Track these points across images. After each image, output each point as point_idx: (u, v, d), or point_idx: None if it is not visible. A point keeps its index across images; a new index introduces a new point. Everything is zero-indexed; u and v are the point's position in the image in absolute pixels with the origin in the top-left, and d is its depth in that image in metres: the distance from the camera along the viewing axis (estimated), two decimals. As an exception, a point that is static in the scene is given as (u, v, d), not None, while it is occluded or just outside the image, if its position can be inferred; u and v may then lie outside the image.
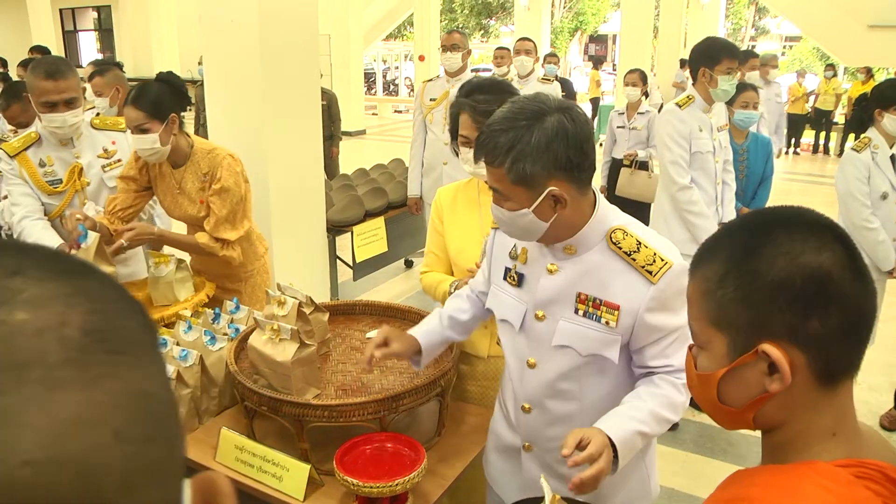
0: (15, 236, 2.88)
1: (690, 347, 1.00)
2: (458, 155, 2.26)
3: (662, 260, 1.56)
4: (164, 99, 2.63)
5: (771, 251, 0.89)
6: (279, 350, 1.90)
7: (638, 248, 1.58)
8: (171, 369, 2.10)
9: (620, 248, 1.58)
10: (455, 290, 2.12)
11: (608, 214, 1.63)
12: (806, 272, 0.87)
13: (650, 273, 1.56)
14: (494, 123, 1.50)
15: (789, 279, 0.87)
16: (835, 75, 14.78)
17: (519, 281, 1.71)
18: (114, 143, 3.12)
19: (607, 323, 1.59)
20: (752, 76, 5.50)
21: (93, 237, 2.48)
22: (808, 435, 0.91)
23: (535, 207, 1.50)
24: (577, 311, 1.62)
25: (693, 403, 4.04)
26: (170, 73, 2.79)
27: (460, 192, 2.33)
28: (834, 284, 0.87)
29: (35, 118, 3.47)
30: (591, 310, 1.61)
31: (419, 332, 1.92)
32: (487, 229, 1.92)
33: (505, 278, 1.76)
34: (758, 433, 1.00)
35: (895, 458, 0.96)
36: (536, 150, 1.45)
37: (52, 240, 2.84)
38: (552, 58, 9.53)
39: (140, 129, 2.60)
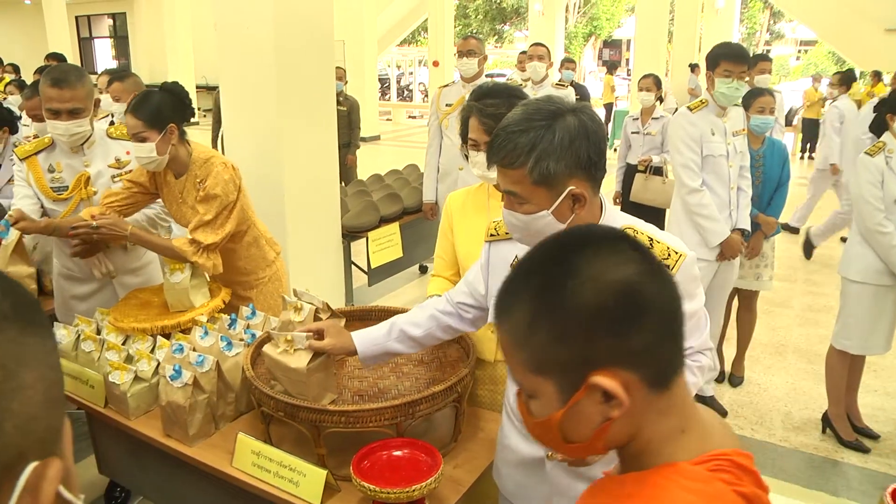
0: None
1: (519, 393, 0.96)
2: (467, 159, 2.26)
3: (676, 252, 1.60)
4: (164, 109, 2.63)
5: (574, 282, 0.85)
6: (294, 357, 1.90)
7: (651, 245, 1.60)
8: (187, 375, 2.11)
9: None
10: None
11: (616, 215, 1.65)
12: (615, 292, 0.84)
13: (668, 267, 1.57)
14: (511, 125, 1.48)
15: (602, 304, 0.84)
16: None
17: None
18: (128, 153, 3.11)
19: None
20: (762, 80, 5.46)
21: (13, 234, 2.48)
22: (659, 439, 0.91)
23: (555, 208, 1.50)
24: None
25: (696, 396, 4.00)
26: (175, 83, 2.79)
27: (470, 196, 2.35)
28: (642, 294, 0.85)
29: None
30: None
31: (361, 335, 1.89)
32: None
33: None
34: (777, 440, 0.99)
35: (733, 439, 1.00)
36: (560, 148, 1.45)
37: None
38: (569, 63, 9.53)
39: (138, 138, 2.62)
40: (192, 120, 2.85)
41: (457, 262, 2.34)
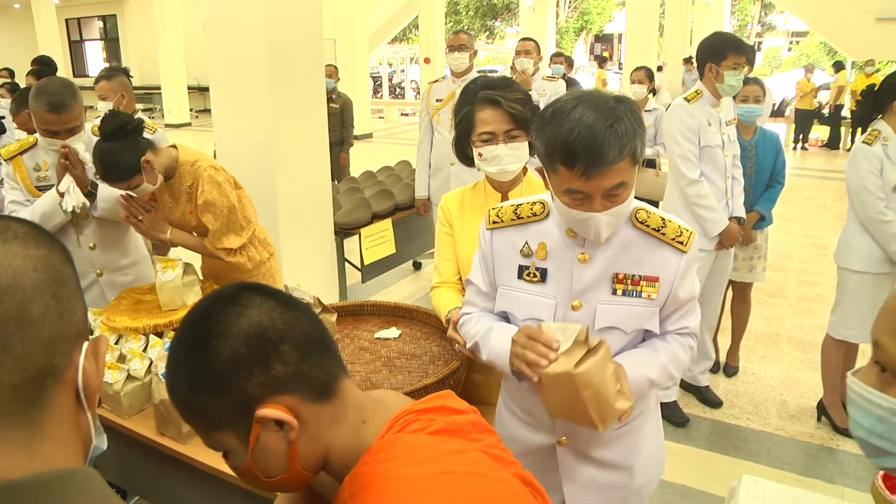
0: None
1: (224, 455, 1.03)
2: (466, 160, 2.18)
3: (687, 230, 1.65)
4: (125, 156, 2.56)
5: (209, 343, 0.94)
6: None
7: (664, 223, 1.64)
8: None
9: (648, 226, 1.64)
10: (450, 319, 2.03)
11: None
12: (244, 338, 0.94)
13: (681, 244, 1.63)
14: (598, 122, 1.42)
15: (236, 353, 0.93)
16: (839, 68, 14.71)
17: (542, 276, 1.69)
18: None
19: (649, 296, 1.64)
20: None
21: None
22: (348, 441, 1.01)
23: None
24: (614, 292, 1.65)
25: (707, 401, 4.01)
26: (107, 116, 2.63)
27: (467, 198, 2.26)
28: (270, 330, 0.95)
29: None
30: (629, 287, 1.64)
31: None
32: None
33: (521, 277, 1.72)
34: (772, 429, 1.03)
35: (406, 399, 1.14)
36: (643, 125, 1.50)
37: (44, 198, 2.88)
38: (558, 57, 9.52)
39: (132, 189, 2.63)
40: (184, 121, 2.84)
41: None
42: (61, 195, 2.81)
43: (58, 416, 0.72)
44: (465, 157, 2.19)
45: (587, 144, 1.42)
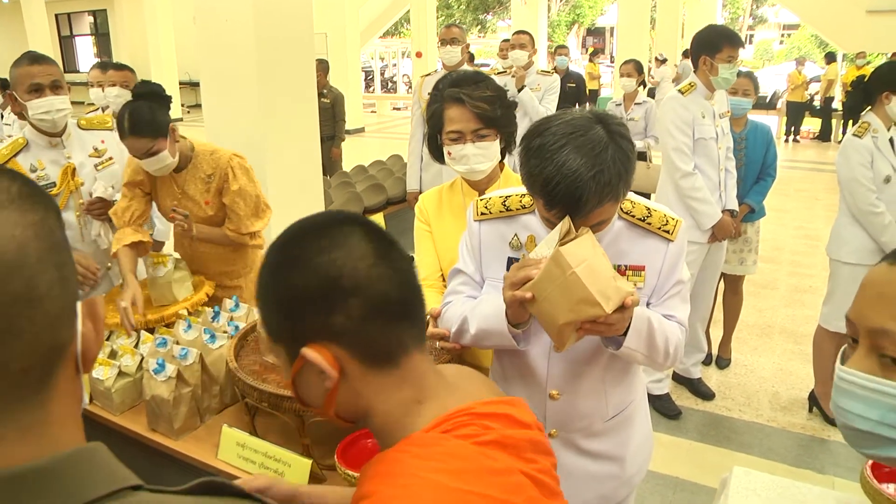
0: None
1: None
2: (438, 158, 2.16)
3: (673, 219, 1.65)
4: (158, 115, 2.58)
5: (288, 267, 0.95)
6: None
7: (650, 213, 1.64)
8: (171, 368, 2.10)
9: (633, 216, 1.64)
10: (430, 315, 1.92)
11: None
12: (318, 275, 0.92)
13: (667, 233, 1.63)
14: (583, 168, 1.37)
15: (305, 287, 0.92)
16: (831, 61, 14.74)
17: None
18: (103, 141, 3.09)
19: (635, 285, 1.63)
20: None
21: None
22: (395, 412, 0.98)
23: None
24: None
25: (699, 393, 4.03)
26: (146, 82, 2.75)
27: (444, 198, 2.24)
28: (346, 279, 0.92)
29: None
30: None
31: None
32: None
33: (509, 269, 1.68)
34: (764, 421, 1.02)
35: (490, 390, 1.10)
36: (632, 159, 1.45)
37: None
38: (562, 49, 9.51)
39: (150, 153, 2.57)
40: (176, 116, 2.84)
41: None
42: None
43: (61, 391, 0.68)
44: (439, 154, 2.16)
45: (566, 193, 1.38)
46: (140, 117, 2.55)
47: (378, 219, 5.40)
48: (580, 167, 1.37)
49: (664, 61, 13.26)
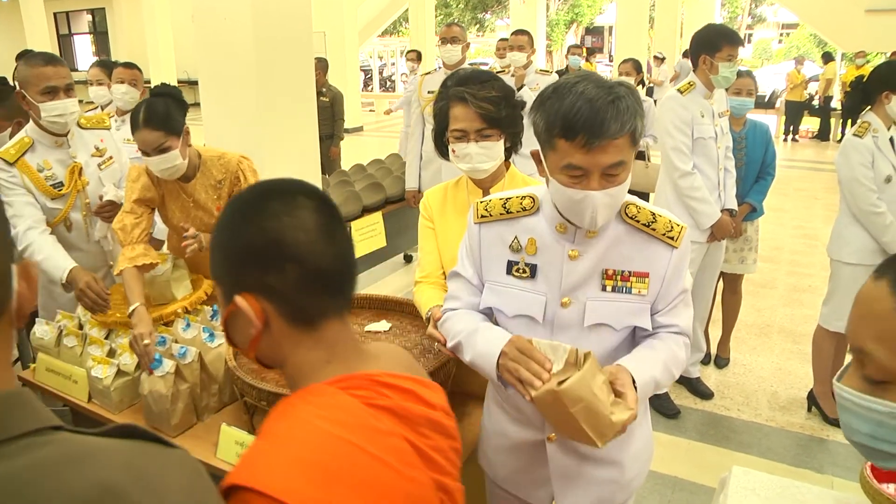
0: (20, 249, 2.75)
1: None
2: (444, 155, 2.16)
3: (678, 225, 1.63)
4: (174, 113, 2.56)
5: (242, 221, 1.05)
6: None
7: (655, 219, 1.62)
8: (169, 364, 2.10)
9: (638, 221, 1.62)
10: (431, 316, 1.95)
11: None
12: (264, 236, 1.02)
13: (672, 239, 1.62)
14: (601, 96, 1.43)
15: (252, 243, 1.03)
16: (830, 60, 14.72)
17: (532, 272, 1.66)
18: (102, 140, 3.09)
19: (639, 292, 1.63)
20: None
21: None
22: (304, 367, 1.08)
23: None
24: (604, 289, 1.63)
25: (698, 392, 4.02)
26: (165, 85, 2.75)
27: (449, 195, 2.22)
28: (288, 246, 1.02)
29: (7, 125, 3.43)
30: (619, 283, 1.62)
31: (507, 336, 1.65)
32: None
33: (509, 273, 1.69)
34: (763, 420, 1.02)
35: (410, 366, 1.22)
36: (641, 105, 1.49)
37: (63, 259, 2.71)
38: (576, 49, 9.54)
39: (160, 150, 2.52)
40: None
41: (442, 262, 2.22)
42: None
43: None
44: (444, 151, 2.16)
45: (589, 116, 1.41)
46: (155, 111, 2.53)
47: (377, 218, 5.40)
48: (599, 94, 1.43)
49: (663, 60, 13.26)
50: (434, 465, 1.10)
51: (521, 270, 1.67)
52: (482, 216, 1.73)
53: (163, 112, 2.53)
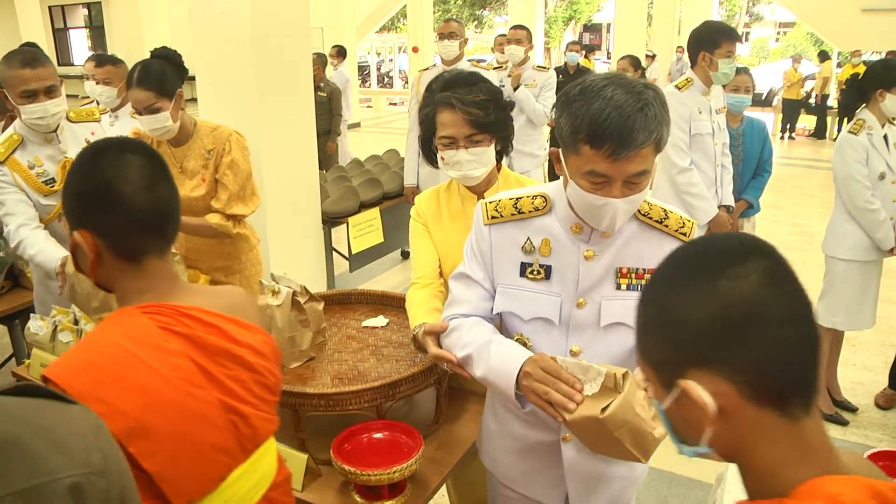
0: (13, 246, 2.76)
1: None
2: (432, 162, 2.09)
3: (689, 221, 1.63)
4: (169, 75, 2.63)
5: (79, 172, 1.30)
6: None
7: (666, 215, 1.61)
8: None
9: (651, 218, 1.60)
10: (423, 332, 1.79)
11: None
12: (94, 183, 1.27)
13: (684, 235, 1.61)
14: (628, 104, 1.37)
15: (84, 190, 1.28)
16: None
17: (547, 274, 1.61)
18: (93, 133, 3.07)
19: None
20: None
21: None
22: (127, 293, 1.32)
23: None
24: (619, 287, 1.60)
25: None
26: (165, 48, 2.77)
27: (442, 201, 2.15)
28: (113, 193, 1.26)
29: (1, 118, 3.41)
30: (634, 281, 1.60)
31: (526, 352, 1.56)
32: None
33: (523, 275, 1.64)
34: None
35: (231, 307, 1.39)
36: (668, 114, 1.43)
37: (55, 250, 2.69)
38: (574, 45, 9.54)
39: (150, 110, 2.59)
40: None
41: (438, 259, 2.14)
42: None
43: None
44: (432, 158, 2.10)
45: (618, 124, 1.36)
46: (149, 71, 2.60)
47: (374, 213, 5.40)
48: (628, 100, 1.37)
49: (654, 58, 13.25)
50: (226, 389, 1.29)
51: (535, 272, 1.62)
52: (493, 217, 1.67)
53: (157, 73, 2.60)
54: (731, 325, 0.84)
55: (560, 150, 1.51)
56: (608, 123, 1.36)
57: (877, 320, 3.73)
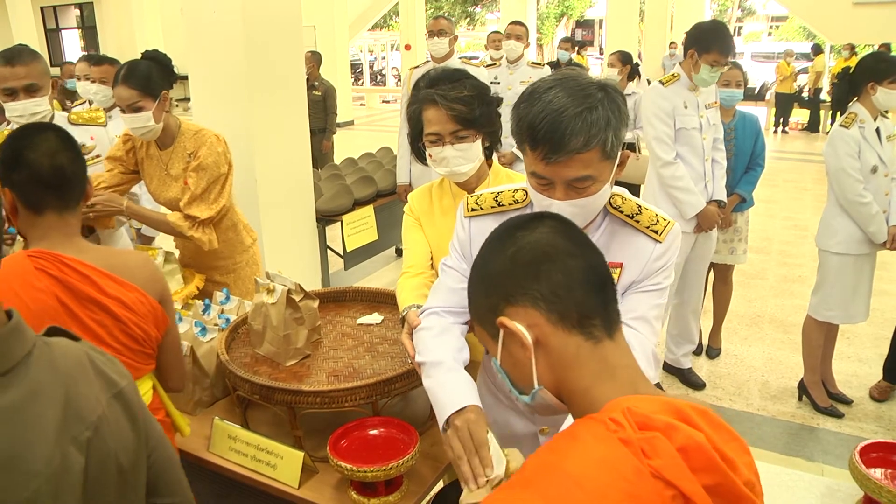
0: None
1: None
2: (422, 159, 2.10)
3: (665, 220, 1.59)
4: (154, 76, 2.62)
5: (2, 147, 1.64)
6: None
7: (640, 211, 1.59)
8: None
9: (622, 212, 1.58)
10: (406, 319, 1.81)
11: None
12: (8, 155, 1.62)
13: (656, 233, 1.57)
14: (569, 106, 1.35)
15: (2, 159, 1.63)
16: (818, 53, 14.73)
17: None
18: (92, 138, 3.07)
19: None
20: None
21: None
22: (29, 240, 1.66)
23: (612, 178, 1.47)
24: None
25: (689, 383, 4.01)
26: (156, 50, 2.77)
27: (434, 198, 2.17)
28: (22, 159, 1.60)
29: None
30: None
31: (466, 395, 1.52)
32: None
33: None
34: (755, 410, 1.01)
35: (113, 266, 1.68)
36: (623, 116, 1.40)
37: None
38: (565, 43, 9.54)
39: (133, 108, 2.59)
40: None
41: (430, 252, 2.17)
42: None
43: None
44: (421, 155, 2.11)
45: (550, 128, 1.35)
46: (135, 70, 2.60)
47: (368, 211, 5.40)
48: (567, 104, 1.36)
49: (637, 66, 13.27)
50: (87, 329, 1.59)
51: None
52: (472, 210, 1.71)
53: (142, 72, 2.60)
54: (527, 262, 1.02)
55: None
56: (541, 127, 1.36)
57: (871, 313, 3.75)
